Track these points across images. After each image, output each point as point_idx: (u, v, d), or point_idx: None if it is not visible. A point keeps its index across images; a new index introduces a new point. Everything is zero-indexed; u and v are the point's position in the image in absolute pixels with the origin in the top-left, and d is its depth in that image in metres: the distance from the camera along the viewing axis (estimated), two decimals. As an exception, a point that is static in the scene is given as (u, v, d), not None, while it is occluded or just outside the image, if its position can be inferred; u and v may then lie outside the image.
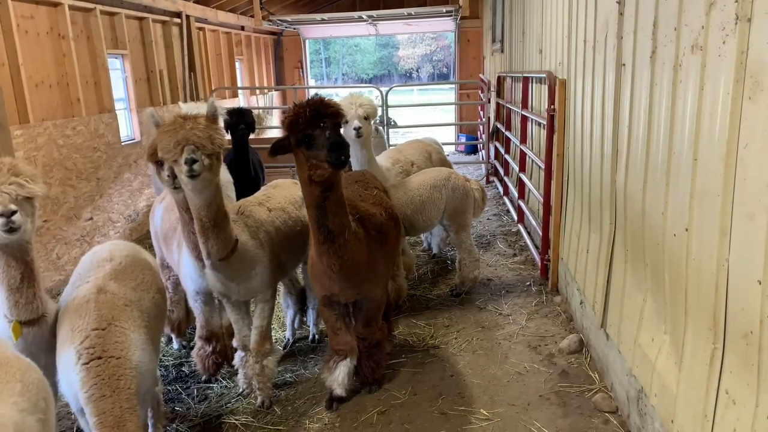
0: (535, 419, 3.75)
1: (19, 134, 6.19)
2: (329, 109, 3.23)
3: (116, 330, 2.89)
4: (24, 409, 2.09)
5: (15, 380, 2.16)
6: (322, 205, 3.37)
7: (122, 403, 2.71)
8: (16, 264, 2.83)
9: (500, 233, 7.89)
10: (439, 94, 30.83)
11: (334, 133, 3.20)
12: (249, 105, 14.24)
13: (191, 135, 3.24)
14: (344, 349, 4.07)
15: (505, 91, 9.94)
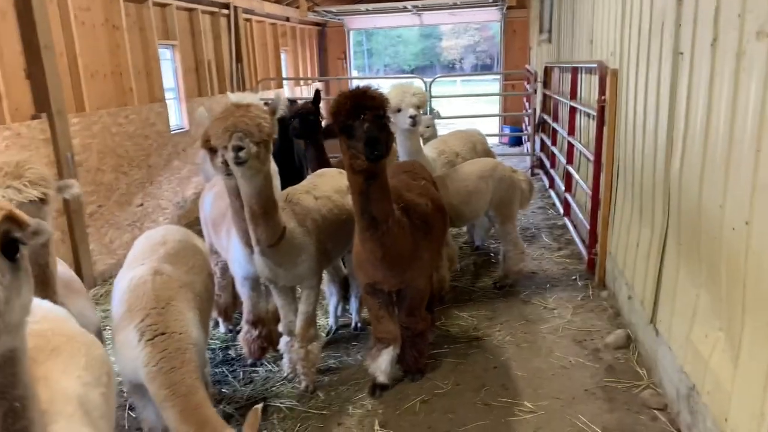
0: (581, 413, 3.70)
1: (76, 122, 6.41)
2: (370, 101, 3.23)
3: (174, 309, 2.99)
4: (88, 383, 2.15)
5: (80, 355, 2.22)
6: (365, 192, 3.39)
7: (191, 373, 2.81)
8: (31, 266, 2.81)
9: (545, 226, 7.77)
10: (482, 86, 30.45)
11: (373, 125, 3.19)
12: (293, 95, 14.38)
13: (240, 122, 3.30)
14: (387, 337, 4.09)
15: (553, 81, 9.76)
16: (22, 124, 5.64)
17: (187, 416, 2.70)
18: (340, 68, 17.71)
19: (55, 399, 1.90)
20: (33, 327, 2.22)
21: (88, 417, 1.99)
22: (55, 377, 2.02)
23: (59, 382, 2.01)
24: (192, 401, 2.75)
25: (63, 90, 6.18)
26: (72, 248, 6.32)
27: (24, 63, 5.79)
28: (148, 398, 3.16)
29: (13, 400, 1.44)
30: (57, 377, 2.02)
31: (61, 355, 2.14)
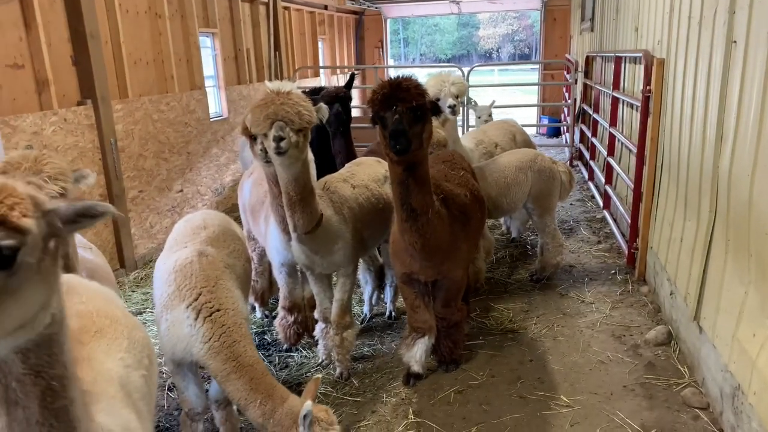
0: (619, 409, 3.64)
1: (119, 108, 6.55)
2: (402, 93, 3.18)
3: (223, 287, 3.07)
4: (129, 365, 2.19)
5: (123, 337, 2.26)
6: (405, 182, 3.37)
7: (251, 345, 2.96)
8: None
9: (584, 219, 7.64)
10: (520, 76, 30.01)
11: (402, 118, 3.16)
12: (330, 84, 14.41)
13: (280, 110, 3.30)
14: (423, 327, 4.08)
15: (595, 71, 9.54)
16: (69, 110, 5.79)
17: (256, 385, 2.83)
18: (377, 57, 17.68)
19: (98, 380, 1.94)
20: (79, 308, 2.28)
21: (129, 398, 2.03)
22: (99, 358, 2.06)
23: (103, 363, 2.05)
24: (258, 370, 2.89)
25: (107, 77, 6.31)
26: (114, 232, 6.48)
27: (71, 50, 5.93)
28: (189, 379, 3.24)
29: (50, 380, 1.45)
30: (101, 359, 2.06)
31: (105, 337, 2.18)
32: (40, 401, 1.44)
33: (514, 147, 6.27)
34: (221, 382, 2.94)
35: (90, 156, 6.07)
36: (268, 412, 2.80)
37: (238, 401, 2.91)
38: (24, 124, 5.23)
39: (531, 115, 16.35)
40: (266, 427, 2.83)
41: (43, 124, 5.44)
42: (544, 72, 15.97)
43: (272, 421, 2.79)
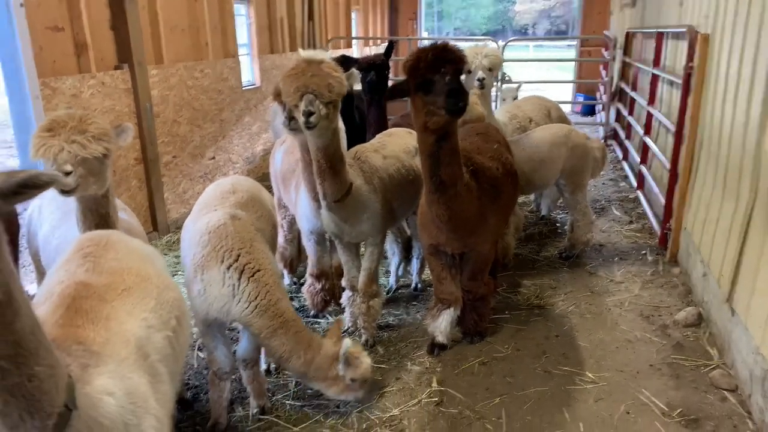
0: (645, 387, 3.62)
1: (155, 74, 6.62)
2: (451, 55, 3.17)
3: (258, 248, 3.14)
4: (152, 326, 2.21)
5: (151, 297, 2.30)
6: (435, 154, 3.35)
7: (289, 301, 3.14)
8: (91, 216, 2.90)
9: (616, 199, 7.52)
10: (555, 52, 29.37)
11: (453, 79, 3.15)
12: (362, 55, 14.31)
13: (310, 82, 3.29)
14: (448, 298, 4.09)
15: (634, 48, 9.29)
16: (106, 74, 5.87)
17: (299, 338, 3.06)
18: (410, 29, 17.47)
19: (110, 341, 1.95)
20: (111, 264, 2.32)
21: (144, 360, 2.04)
22: (119, 318, 2.07)
23: (122, 323, 2.06)
24: (298, 325, 3.10)
25: (144, 42, 6.37)
26: (148, 196, 6.61)
27: (109, 15, 5.99)
28: (218, 339, 3.31)
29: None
30: (121, 318, 2.08)
31: (132, 296, 2.20)
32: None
33: (549, 123, 6.17)
34: (266, 338, 3.06)
35: (126, 120, 6.15)
36: (309, 360, 3.04)
37: (281, 354, 3.07)
38: (64, 86, 5.32)
39: (566, 92, 16.04)
40: (308, 374, 3.08)
41: (81, 86, 5.53)
42: (581, 49, 15.60)
43: (313, 367, 3.05)
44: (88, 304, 2.03)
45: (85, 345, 1.85)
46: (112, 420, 1.76)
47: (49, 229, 3.44)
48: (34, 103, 4.98)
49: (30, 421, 1.50)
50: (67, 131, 2.65)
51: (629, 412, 3.42)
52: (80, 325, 1.91)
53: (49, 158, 2.64)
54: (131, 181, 6.32)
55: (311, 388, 3.81)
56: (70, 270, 2.27)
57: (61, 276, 2.26)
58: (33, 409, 1.50)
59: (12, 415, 1.48)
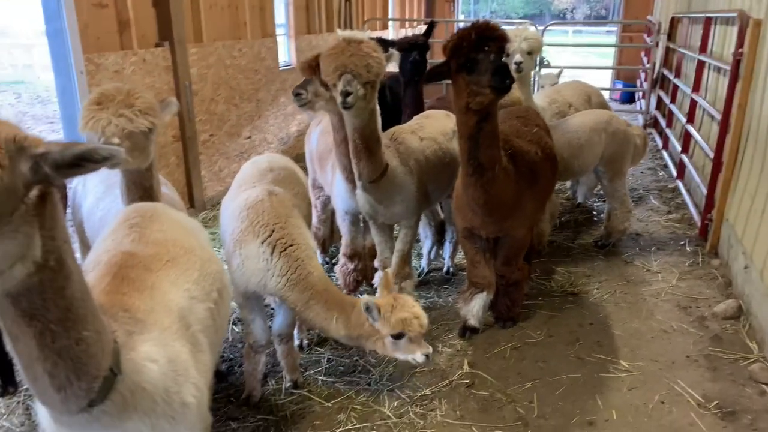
0: (680, 378, 3.57)
1: (194, 52, 6.69)
2: (495, 33, 3.15)
3: (293, 223, 3.18)
4: (195, 297, 2.25)
5: (194, 269, 2.33)
6: (475, 136, 3.32)
7: (322, 272, 3.18)
8: (135, 189, 2.95)
9: (655, 188, 7.36)
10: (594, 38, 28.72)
11: (498, 57, 3.13)
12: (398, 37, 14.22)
13: (349, 62, 3.29)
14: (481, 282, 4.08)
15: (679, 34, 9.02)
16: (148, 51, 5.95)
17: (331, 305, 3.10)
18: (447, 11, 17.27)
19: (155, 310, 1.99)
20: (157, 236, 2.36)
21: (186, 330, 2.08)
22: (164, 288, 2.11)
23: (166, 293, 2.10)
24: (330, 293, 3.14)
25: (184, 20, 6.43)
26: (185, 173, 6.72)
27: (151, -8, 6.06)
28: (256, 313, 3.38)
29: (48, 323, 1.46)
30: (165, 288, 2.12)
31: (176, 267, 2.24)
32: (38, 341, 1.46)
33: (589, 108, 6.05)
34: (300, 311, 3.12)
35: (165, 97, 6.24)
36: (345, 321, 3.09)
37: (320, 324, 3.14)
38: (107, 63, 5.42)
39: (605, 78, 15.68)
40: (348, 334, 3.11)
41: (123, 63, 5.63)
42: (622, 34, 15.19)
43: (350, 326, 3.09)
44: (134, 272, 2.08)
45: (131, 312, 1.89)
46: (155, 386, 1.81)
47: (93, 201, 3.53)
48: (78, 78, 5.09)
49: (76, 383, 1.55)
50: (115, 105, 2.70)
51: (664, 402, 3.38)
52: (126, 293, 1.96)
53: (96, 131, 2.69)
54: (170, 157, 6.43)
55: (343, 366, 3.88)
56: (117, 240, 2.33)
57: (108, 245, 2.32)
58: (80, 372, 1.55)
59: (59, 377, 1.53)
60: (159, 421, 1.86)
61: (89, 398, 1.59)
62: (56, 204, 1.48)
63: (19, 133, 1.36)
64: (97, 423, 1.67)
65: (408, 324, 2.99)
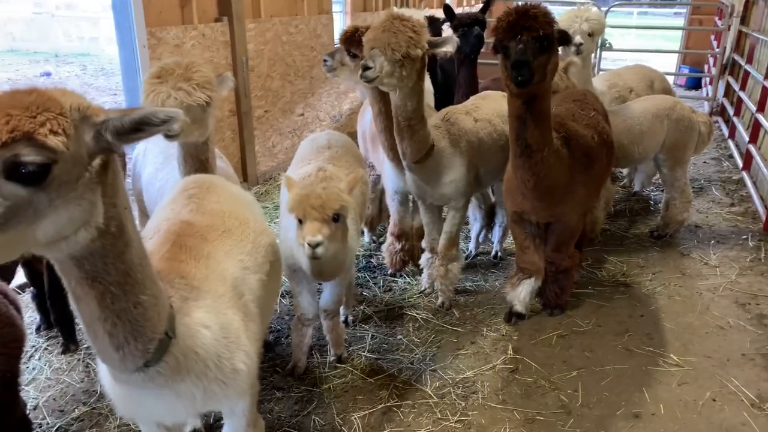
0: (734, 376, 3.45)
1: (252, 27, 6.76)
2: (529, 21, 3.02)
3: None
4: (247, 267, 2.32)
5: (248, 240, 2.40)
6: (522, 116, 3.25)
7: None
8: (192, 161, 3.02)
9: (717, 179, 7.05)
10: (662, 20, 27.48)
11: (526, 47, 3.01)
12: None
13: (381, 38, 3.28)
14: (530, 268, 4.02)
15: (754, 16, 8.54)
16: (207, 26, 6.06)
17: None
18: (507, -9, 16.82)
19: (210, 278, 2.06)
20: (213, 206, 2.43)
21: (238, 299, 2.15)
22: (218, 257, 2.18)
23: (220, 263, 2.17)
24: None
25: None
26: (240, 147, 6.85)
27: (211, -32, 6.14)
28: (304, 285, 3.44)
29: (108, 285, 1.54)
30: (220, 257, 2.19)
31: (231, 238, 2.31)
32: (99, 302, 1.54)
33: (651, 93, 5.83)
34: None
35: (223, 72, 6.34)
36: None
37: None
38: (168, 36, 5.55)
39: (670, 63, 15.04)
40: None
41: (184, 37, 5.75)
42: (691, 17, 14.49)
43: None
44: (191, 241, 2.15)
45: (187, 279, 1.97)
46: (207, 351, 1.88)
47: (152, 172, 3.65)
48: (140, 51, 5.24)
49: (134, 344, 1.63)
50: (174, 78, 2.77)
51: (715, 400, 3.28)
52: (183, 260, 2.03)
53: (156, 104, 2.76)
54: (225, 132, 6.56)
55: (387, 343, 3.92)
56: (176, 209, 2.41)
57: (167, 214, 2.40)
58: (137, 333, 1.63)
59: (118, 337, 1.61)
60: (211, 385, 1.94)
61: (145, 359, 1.67)
62: (117, 172, 1.54)
63: (83, 102, 1.42)
64: (152, 383, 1.75)
65: (292, 202, 2.80)
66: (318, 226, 2.73)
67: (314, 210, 2.73)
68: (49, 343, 3.87)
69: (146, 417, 2.07)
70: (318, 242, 2.71)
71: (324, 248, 2.74)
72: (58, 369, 3.63)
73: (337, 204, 2.78)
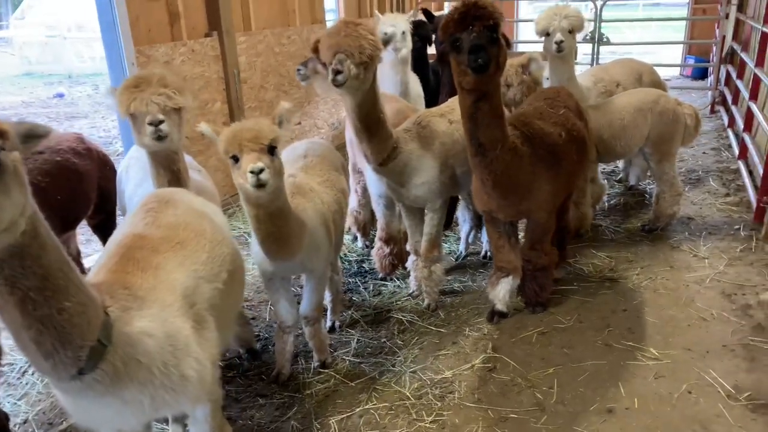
0: (712, 368, 3.43)
1: (243, 41, 6.89)
2: (479, 11, 3.06)
3: (297, 203, 3.24)
4: (202, 277, 2.39)
5: (203, 251, 2.47)
6: (473, 116, 3.29)
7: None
8: (164, 172, 3.14)
9: (715, 170, 6.98)
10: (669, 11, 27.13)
11: (480, 36, 3.04)
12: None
13: (343, 42, 3.34)
14: (506, 267, 4.04)
15: (749, 4, 8.44)
16: (197, 42, 6.19)
17: None
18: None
19: (157, 288, 2.12)
20: (169, 219, 2.51)
21: (189, 308, 2.21)
22: (169, 268, 2.24)
23: (170, 272, 2.23)
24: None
25: (232, 9, 6.62)
26: (236, 158, 6.95)
27: (200, -15, 6.27)
28: (280, 294, 3.51)
29: (27, 290, 1.60)
30: (170, 268, 2.25)
31: (185, 249, 2.38)
32: (20, 309, 1.60)
33: (639, 87, 5.80)
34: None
35: (215, 86, 6.49)
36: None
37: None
38: (157, 54, 5.69)
39: (675, 54, 14.88)
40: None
41: (173, 54, 5.88)
42: (695, 6, 14.32)
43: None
44: (140, 254, 2.22)
45: (131, 290, 2.04)
46: (151, 358, 1.95)
47: (132, 188, 3.76)
48: (130, 70, 5.36)
49: (62, 351, 1.70)
50: (153, 85, 2.95)
51: (691, 392, 3.27)
52: (129, 272, 2.11)
53: (141, 110, 2.93)
54: (220, 144, 6.66)
55: (371, 347, 3.97)
56: (134, 223, 2.50)
57: (125, 229, 2.49)
58: (64, 340, 1.69)
59: (45, 344, 1.67)
60: (158, 392, 2.00)
61: (78, 366, 1.73)
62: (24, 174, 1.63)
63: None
64: (91, 390, 1.82)
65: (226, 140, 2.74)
66: (256, 155, 2.67)
67: (249, 142, 2.67)
68: (43, 357, 3.98)
69: (99, 424, 2.12)
70: (260, 168, 2.63)
71: (267, 175, 2.65)
72: (49, 383, 3.74)
73: (271, 133, 2.74)
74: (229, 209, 6.29)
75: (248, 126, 2.76)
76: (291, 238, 3.10)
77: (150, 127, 2.93)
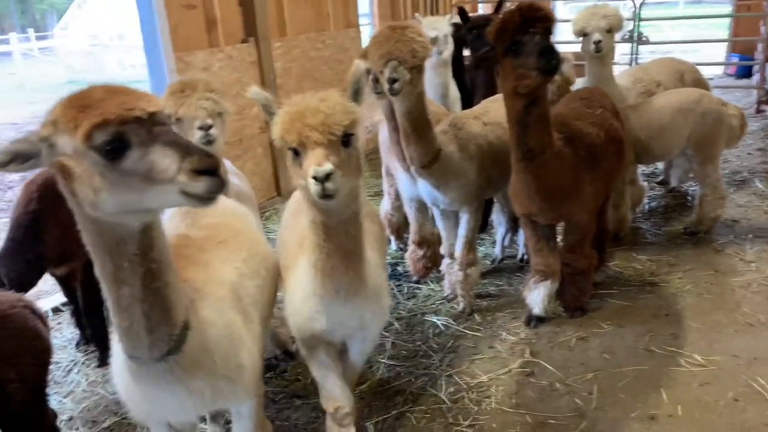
0: (760, 376, 3.31)
1: (278, 46, 6.97)
2: (539, 13, 3.08)
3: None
4: (244, 274, 2.46)
5: (243, 249, 2.55)
6: (523, 121, 3.27)
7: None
8: None
9: (761, 171, 6.75)
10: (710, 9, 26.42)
11: (544, 37, 3.05)
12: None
13: (394, 49, 3.32)
14: (545, 270, 3.98)
15: (797, -1, 8.14)
16: (234, 48, 6.28)
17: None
18: (543, -9, 16.59)
19: (209, 281, 2.21)
20: (208, 220, 2.59)
21: (238, 302, 2.29)
22: (216, 264, 2.33)
23: (218, 269, 2.32)
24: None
25: (268, 15, 6.71)
26: (272, 163, 7.06)
27: (237, -9, 6.38)
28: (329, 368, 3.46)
29: (150, 262, 1.73)
30: (217, 265, 2.33)
31: (227, 248, 2.46)
32: (142, 280, 1.72)
33: (681, 87, 5.65)
34: None
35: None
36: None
37: None
38: (195, 60, 5.80)
39: (719, 52, 14.47)
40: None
41: (211, 60, 5.99)
42: (739, 3, 13.90)
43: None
44: (188, 251, 2.32)
45: (190, 282, 2.12)
46: (215, 346, 2.04)
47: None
48: (170, 76, 5.48)
49: (163, 326, 1.81)
50: (200, 90, 3.04)
51: (738, 400, 3.16)
52: (183, 267, 2.17)
53: (190, 114, 3.01)
54: (257, 149, 6.77)
55: (405, 350, 3.95)
56: (173, 225, 2.56)
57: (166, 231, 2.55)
58: (167, 317, 1.81)
59: (153, 318, 1.78)
60: (218, 382, 2.07)
61: (169, 346, 1.84)
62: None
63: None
64: (170, 374, 1.90)
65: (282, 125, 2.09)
66: (323, 152, 1.97)
67: (314, 131, 1.98)
68: (87, 357, 4.10)
69: (158, 415, 2.20)
70: (327, 172, 1.93)
71: (336, 183, 1.96)
72: (94, 381, 3.84)
73: (346, 117, 2.03)
74: (266, 212, 6.38)
75: (314, 105, 2.06)
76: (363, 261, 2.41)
77: (200, 132, 2.99)
